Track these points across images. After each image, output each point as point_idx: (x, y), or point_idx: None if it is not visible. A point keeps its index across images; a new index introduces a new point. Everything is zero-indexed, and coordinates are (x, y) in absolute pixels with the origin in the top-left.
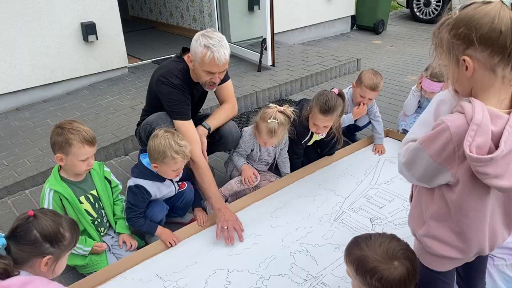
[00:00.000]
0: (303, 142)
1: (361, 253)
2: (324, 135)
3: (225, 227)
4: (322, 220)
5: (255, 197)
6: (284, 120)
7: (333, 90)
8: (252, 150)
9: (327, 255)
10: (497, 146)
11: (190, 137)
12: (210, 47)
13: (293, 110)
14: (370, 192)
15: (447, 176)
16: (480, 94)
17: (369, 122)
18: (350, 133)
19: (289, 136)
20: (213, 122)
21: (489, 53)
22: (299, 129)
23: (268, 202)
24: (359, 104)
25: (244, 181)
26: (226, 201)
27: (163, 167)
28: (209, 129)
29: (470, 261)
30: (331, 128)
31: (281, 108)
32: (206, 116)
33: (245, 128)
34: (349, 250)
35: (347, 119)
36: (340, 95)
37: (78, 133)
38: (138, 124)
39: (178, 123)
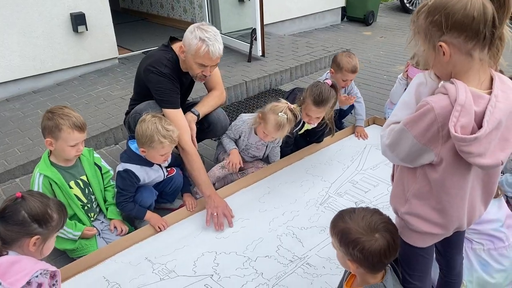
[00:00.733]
0: (293, 131)
1: (345, 225)
2: (316, 124)
3: (215, 214)
4: (309, 204)
5: (243, 183)
6: (292, 118)
7: (326, 81)
8: (239, 137)
9: (312, 237)
10: (479, 126)
11: (179, 125)
12: (206, 41)
13: (299, 111)
14: (356, 177)
15: (431, 156)
16: (460, 76)
17: (353, 105)
18: (337, 120)
19: None
20: (202, 108)
21: (464, 38)
22: None
23: (256, 188)
24: (343, 88)
25: (228, 164)
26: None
27: (151, 151)
28: (198, 116)
29: (448, 236)
30: (323, 119)
31: (291, 106)
32: (194, 104)
33: (243, 114)
34: (334, 223)
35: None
36: (333, 86)
37: (68, 118)
38: (127, 113)
39: (167, 111)
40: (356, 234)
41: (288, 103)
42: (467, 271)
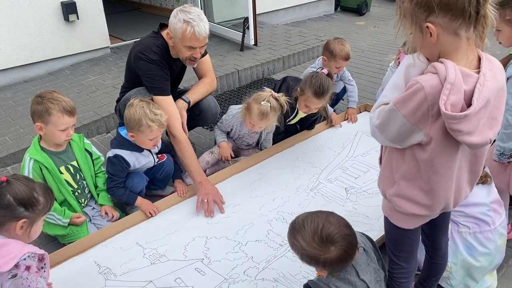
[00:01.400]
0: (287, 120)
1: (300, 245)
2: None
3: (205, 200)
4: (299, 190)
5: (234, 170)
6: (277, 106)
7: (322, 71)
8: (231, 130)
9: None
10: (468, 104)
11: (170, 112)
12: (190, 22)
13: (286, 100)
14: (347, 163)
15: (420, 135)
16: (449, 56)
17: (345, 88)
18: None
19: None
20: (193, 96)
21: (450, 17)
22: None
23: (247, 174)
24: (335, 74)
25: (220, 158)
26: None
27: (140, 135)
28: (188, 103)
29: (434, 217)
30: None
31: (276, 94)
32: (185, 91)
33: (233, 106)
34: (289, 241)
35: None
36: (329, 75)
37: (58, 102)
38: (118, 101)
39: (158, 98)
40: (312, 253)
41: (272, 91)
42: (452, 254)
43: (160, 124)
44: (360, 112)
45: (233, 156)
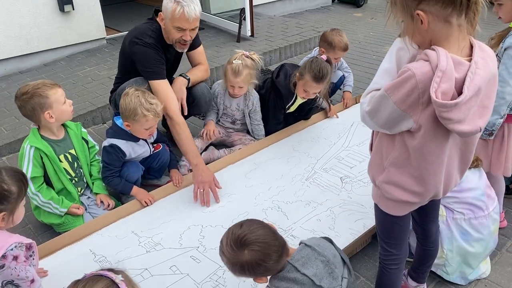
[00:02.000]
0: (286, 107)
1: (225, 257)
2: (307, 99)
3: (202, 190)
4: (295, 180)
5: (230, 160)
6: (250, 63)
7: (321, 57)
8: (217, 99)
9: (297, 211)
10: (459, 93)
11: (167, 95)
12: (180, 2)
13: (259, 57)
14: (342, 153)
15: (410, 122)
16: (440, 44)
17: (341, 78)
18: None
19: (271, 101)
20: (191, 76)
21: (441, 5)
22: (284, 93)
23: (243, 164)
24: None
25: (203, 133)
26: None
27: (135, 125)
28: (188, 80)
29: (424, 204)
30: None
31: (247, 53)
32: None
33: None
34: (222, 259)
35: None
36: (328, 61)
37: (40, 87)
38: (112, 92)
39: (154, 83)
40: (234, 260)
41: (243, 51)
42: (448, 241)
43: (155, 113)
44: (356, 103)
45: (217, 135)
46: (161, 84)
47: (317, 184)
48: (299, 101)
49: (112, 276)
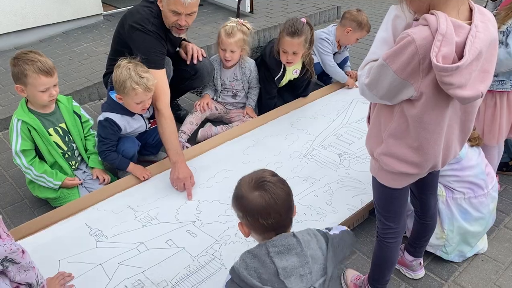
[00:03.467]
0: (276, 79)
1: (236, 191)
2: (298, 73)
3: (175, 187)
4: (292, 156)
5: (228, 136)
6: (244, 29)
7: (301, 19)
8: (215, 77)
9: (295, 186)
10: (460, 57)
11: (161, 87)
12: None
13: (252, 27)
14: (341, 130)
15: (411, 91)
16: (439, 8)
17: (347, 59)
18: (327, 77)
19: (261, 74)
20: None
21: None
22: (269, 63)
23: (241, 141)
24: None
25: (198, 105)
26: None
27: (126, 98)
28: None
29: (423, 177)
30: (304, 66)
31: (241, 21)
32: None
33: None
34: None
35: (340, 76)
36: (308, 23)
37: (32, 63)
38: (105, 76)
39: (151, 72)
40: (240, 192)
41: (238, 19)
42: (448, 221)
43: (145, 87)
44: (357, 81)
45: (211, 108)
46: (157, 74)
47: (315, 160)
48: (289, 73)
49: None
